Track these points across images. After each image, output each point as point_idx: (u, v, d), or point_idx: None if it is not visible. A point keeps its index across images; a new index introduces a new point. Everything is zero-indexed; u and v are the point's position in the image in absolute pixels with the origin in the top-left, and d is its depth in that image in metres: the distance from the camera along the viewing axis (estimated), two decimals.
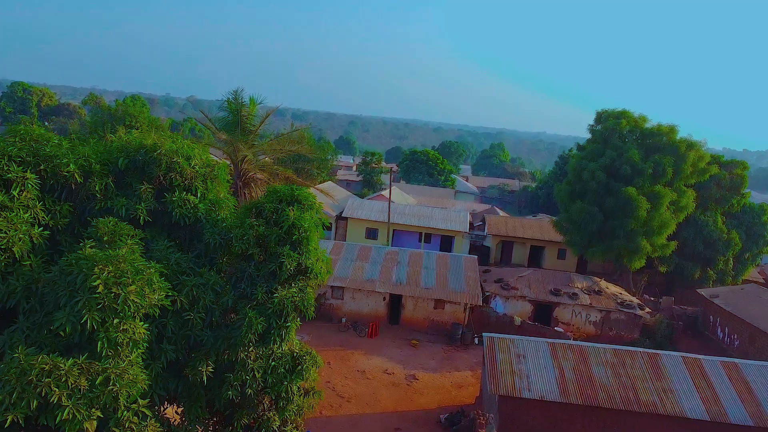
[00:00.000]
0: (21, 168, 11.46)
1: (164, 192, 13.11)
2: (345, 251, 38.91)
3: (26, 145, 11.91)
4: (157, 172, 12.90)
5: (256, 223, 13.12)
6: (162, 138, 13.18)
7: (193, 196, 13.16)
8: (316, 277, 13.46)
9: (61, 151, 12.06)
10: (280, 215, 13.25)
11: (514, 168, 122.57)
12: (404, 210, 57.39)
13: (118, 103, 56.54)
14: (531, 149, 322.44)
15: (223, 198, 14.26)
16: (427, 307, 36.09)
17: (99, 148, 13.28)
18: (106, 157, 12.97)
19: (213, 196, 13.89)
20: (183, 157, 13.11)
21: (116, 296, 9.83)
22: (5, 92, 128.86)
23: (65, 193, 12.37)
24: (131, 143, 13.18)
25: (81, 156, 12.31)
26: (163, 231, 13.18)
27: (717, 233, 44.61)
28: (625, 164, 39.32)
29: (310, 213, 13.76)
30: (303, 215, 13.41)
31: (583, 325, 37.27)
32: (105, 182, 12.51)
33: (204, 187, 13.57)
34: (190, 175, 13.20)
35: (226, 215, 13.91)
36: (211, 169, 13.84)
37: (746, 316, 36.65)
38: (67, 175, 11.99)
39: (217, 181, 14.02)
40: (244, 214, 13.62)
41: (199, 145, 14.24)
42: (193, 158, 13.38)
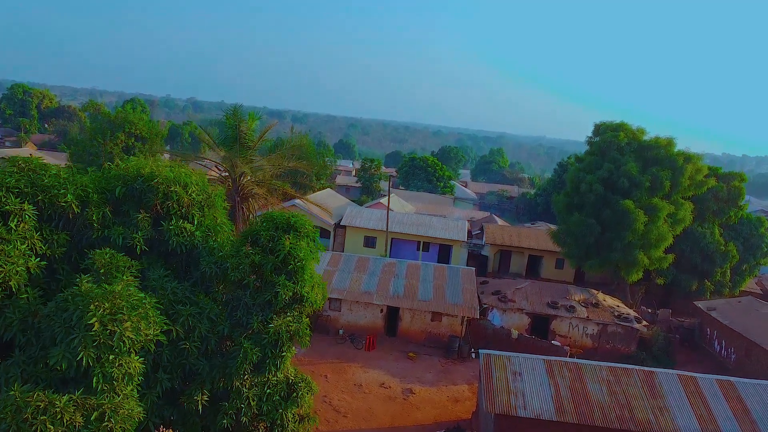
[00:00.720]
0: (19, 199, 11.54)
1: (161, 220, 13.20)
2: (343, 262, 38.98)
3: (24, 176, 12.00)
4: (154, 201, 13.00)
5: (252, 251, 13.21)
6: (159, 166, 13.26)
7: (189, 224, 13.26)
8: (312, 305, 13.54)
9: (58, 182, 12.14)
10: (276, 243, 13.35)
11: (513, 174, 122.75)
12: (403, 219, 57.47)
13: (118, 110, 56.64)
14: (531, 154, 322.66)
15: (219, 223, 14.37)
16: (425, 319, 36.16)
17: (97, 176, 13.36)
18: (104, 185, 13.06)
19: (210, 222, 13.99)
20: (180, 185, 13.20)
21: (112, 333, 9.91)
22: (5, 94, 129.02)
23: (63, 223, 12.46)
24: (129, 171, 13.27)
25: (79, 186, 12.39)
26: (159, 258, 13.27)
27: (714, 245, 44.68)
28: (623, 177, 39.42)
29: (305, 240, 13.85)
30: (299, 243, 13.51)
31: (580, 338, 37.34)
32: (102, 211, 12.59)
33: (201, 214, 13.67)
34: (186, 202, 13.29)
35: (222, 241, 14.01)
36: (208, 195, 13.93)
37: (743, 329, 36.73)
38: (65, 205, 12.08)
39: (213, 208, 14.11)
40: (240, 241, 13.72)
41: (196, 172, 14.33)
42: (190, 186, 13.48)
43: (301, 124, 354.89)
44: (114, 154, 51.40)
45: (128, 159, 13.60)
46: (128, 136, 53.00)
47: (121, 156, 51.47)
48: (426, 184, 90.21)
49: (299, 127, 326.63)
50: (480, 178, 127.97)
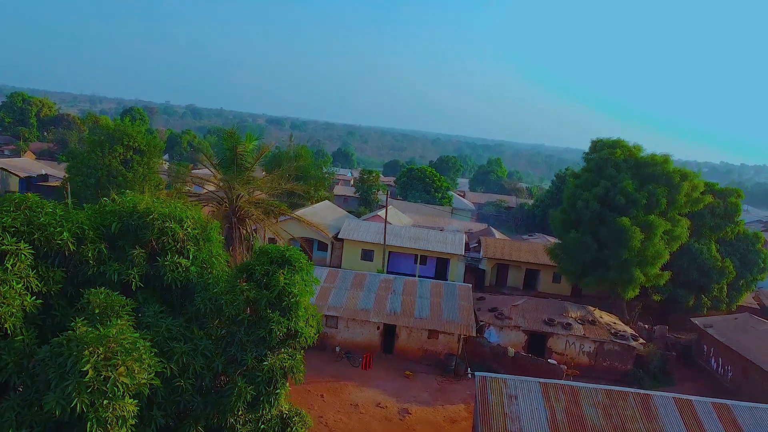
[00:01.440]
0: (15, 239, 11.61)
1: (156, 255, 13.27)
2: (339, 279, 39.02)
3: (21, 214, 12.08)
4: (149, 237, 13.07)
5: (247, 287, 13.27)
6: (155, 202, 13.34)
7: (185, 259, 13.32)
8: (306, 341, 13.60)
9: (54, 219, 12.21)
10: (270, 278, 13.41)
11: (511, 184, 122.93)
12: (400, 232, 57.55)
13: (117, 122, 56.72)
14: (529, 162, 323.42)
15: (215, 254, 14.44)
16: (421, 336, 36.17)
17: (93, 212, 13.43)
18: (100, 221, 13.14)
19: (205, 255, 14.06)
20: (175, 220, 13.28)
21: (106, 379, 9.96)
22: (5, 102, 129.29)
23: (59, 259, 12.53)
24: (124, 206, 13.34)
25: (75, 223, 12.47)
26: (155, 293, 13.33)
27: (711, 261, 44.79)
28: (619, 194, 39.55)
29: (300, 274, 13.92)
30: (293, 278, 13.57)
31: (577, 355, 37.36)
32: (98, 248, 12.66)
33: (196, 248, 13.74)
34: (182, 237, 13.37)
35: (218, 274, 14.07)
36: (204, 229, 14.01)
37: (739, 347, 36.76)
38: (61, 243, 12.15)
39: (209, 241, 14.18)
40: (235, 276, 13.78)
41: (191, 206, 14.41)
42: (185, 220, 13.55)
43: (301, 131, 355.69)
44: (112, 166, 51.56)
45: (124, 194, 13.67)
46: (126, 149, 53.07)
47: (119, 168, 51.71)
48: (424, 194, 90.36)
49: (298, 134, 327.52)
50: (478, 188, 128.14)
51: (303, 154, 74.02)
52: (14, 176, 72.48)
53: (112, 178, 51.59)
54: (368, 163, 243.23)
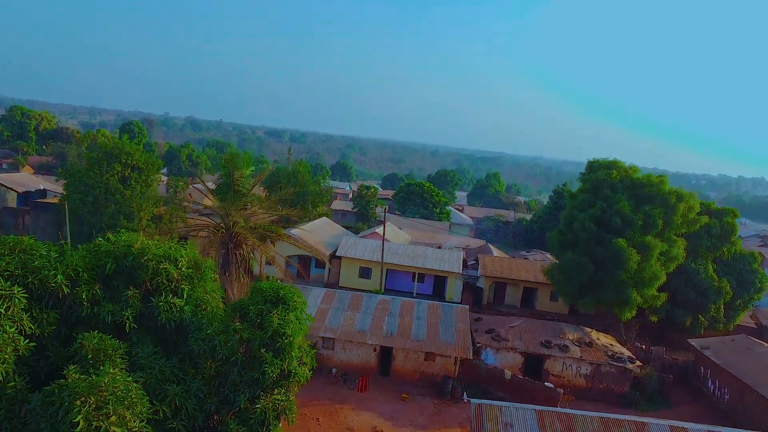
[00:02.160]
0: (9, 283, 11.66)
1: (150, 295, 13.32)
2: (336, 300, 39.01)
3: (15, 258, 12.14)
4: (144, 277, 13.12)
5: (241, 327, 13.31)
6: (149, 242, 13.40)
7: (179, 299, 13.37)
8: (299, 381, 13.62)
9: (49, 262, 12.27)
10: (264, 318, 13.45)
11: (509, 198, 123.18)
12: (398, 249, 57.59)
13: (115, 140, 56.88)
14: (528, 174, 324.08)
15: (210, 291, 14.48)
16: (418, 358, 36.12)
17: (88, 252, 13.49)
18: (94, 262, 13.20)
19: (199, 293, 14.11)
20: (170, 260, 13.34)
21: (97, 429, 9.98)
22: (4, 115, 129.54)
23: (53, 301, 12.58)
24: (119, 246, 13.40)
25: (69, 266, 12.52)
26: (149, 333, 13.36)
27: (708, 281, 44.83)
28: (615, 215, 39.67)
29: (294, 313, 13.96)
30: (287, 317, 13.61)
31: (574, 377, 37.29)
32: (92, 290, 12.71)
33: (190, 287, 13.79)
34: (176, 278, 13.42)
35: (212, 312, 14.10)
36: (198, 268, 14.06)
37: (736, 370, 36.72)
38: (55, 285, 12.20)
39: (203, 280, 14.23)
40: (229, 316, 13.82)
41: (186, 245, 14.47)
42: (180, 260, 13.61)
43: (299, 143, 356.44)
44: (110, 184, 51.63)
45: (119, 233, 13.73)
46: (125, 167, 53.15)
47: (117, 186, 51.75)
48: (422, 209, 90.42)
49: (297, 146, 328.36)
50: (476, 202, 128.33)
51: (301, 170, 74.11)
52: (12, 191, 72.44)
53: (110, 196, 51.64)
54: (367, 175, 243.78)
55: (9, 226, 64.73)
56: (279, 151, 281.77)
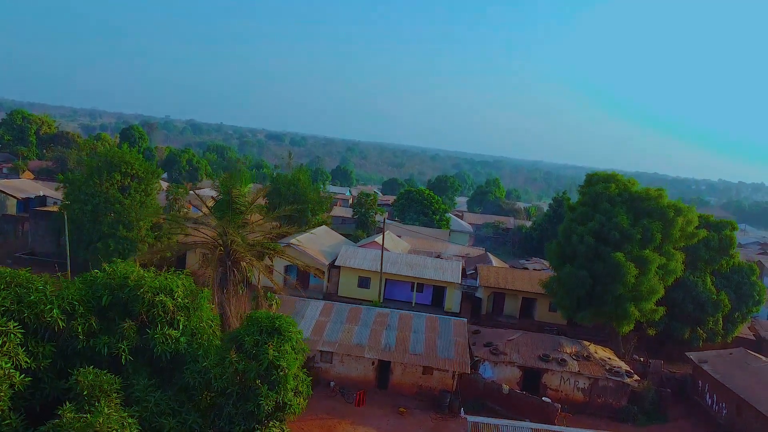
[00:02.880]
0: (5, 318, 11.71)
1: (146, 327, 13.37)
2: (335, 313, 39.04)
3: (11, 292, 12.19)
4: (139, 309, 13.17)
5: (236, 359, 13.35)
6: (145, 273, 13.44)
7: (175, 330, 13.42)
8: (294, 413, 13.65)
9: (45, 297, 12.32)
10: (260, 349, 13.49)
11: (509, 204, 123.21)
12: (397, 259, 57.60)
13: (116, 149, 56.99)
14: (528, 179, 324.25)
15: (206, 320, 14.52)
16: (416, 372, 36.13)
17: (84, 285, 13.54)
18: (90, 294, 13.23)
19: (195, 323, 14.15)
20: (165, 292, 13.39)
21: None
22: (4, 120, 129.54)
23: (48, 334, 12.62)
24: (115, 277, 13.44)
25: (65, 300, 12.57)
26: (144, 364, 13.40)
27: (706, 294, 44.85)
28: (614, 229, 39.70)
29: (290, 343, 14.00)
30: (283, 347, 13.65)
31: (572, 391, 37.29)
32: (88, 323, 12.75)
33: (186, 317, 13.83)
34: (172, 309, 13.46)
35: (208, 343, 14.13)
36: (194, 298, 14.11)
37: (733, 385, 36.71)
38: (51, 320, 12.25)
39: (199, 310, 14.27)
40: (225, 347, 13.86)
41: (182, 277, 14.51)
42: (175, 290, 13.66)
43: (300, 147, 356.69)
44: (110, 194, 51.71)
45: (115, 263, 13.78)
46: (124, 176, 53.30)
47: (116, 195, 51.82)
48: (422, 217, 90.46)
49: (298, 150, 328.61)
50: (476, 208, 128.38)
51: (301, 178, 74.17)
52: (12, 198, 72.53)
53: (110, 205, 51.75)
54: (367, 179, 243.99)
55: (8, 233, 64.86)
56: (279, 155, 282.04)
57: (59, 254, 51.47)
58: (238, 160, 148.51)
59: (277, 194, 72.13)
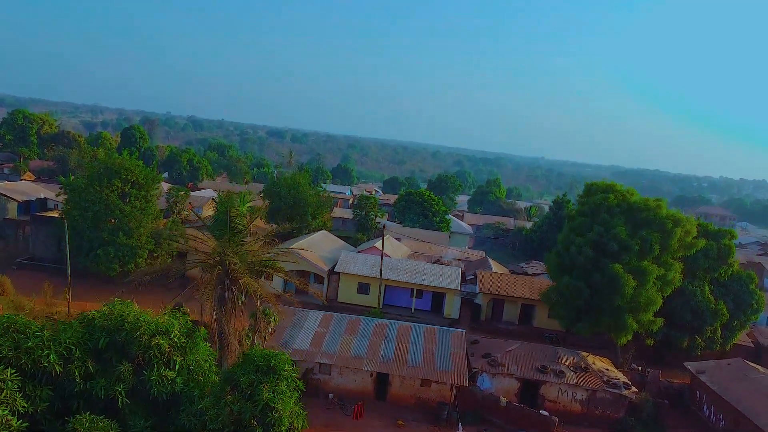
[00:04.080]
0: (2, 366, 11.84)
1: (143, 368, 13.50)
2: (333, 324, 39.20)
3: (8, 339, 12.31)
4: (136, 351, 13.29)
5: (232, 399, 13.48)
6: (143, 314, 13.56)
7: (171, 371, 13.54)
8: None
9: (42, 342, 12.44)
10: (255, 389, 13.62)
11: (509, 205, 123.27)
12: (396, 265, 57.72)
13: (116, 156, 57.14)
14: (529, 176, 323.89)
15: (202, 357, 14.65)
16: (414, 384, 36.29)
17: (81, 327, 13.66)
18: (87, 337, 13.36)
19: (191, 362, 14.27)
20: (162, 333, 13.51)
21: None
22: (5, 119, 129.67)
23: (46, 378, 12.75)
24: (112, 319, 13.56)
25: (62, 344, 12.69)
26: (141, 405, 13.53)
27: (705, 303, 44.94)
28: (612, 240, 39.77)
29: (285, 382, 14.12)
30: (279, 387, 13.77)
31: (570, 403, 37.45)
32: (84, 366, 12.88)
33: (182, 357, 13.95)
34: (168, 350, 13.59)
35: (204, 382, 14.25)
36: (190, 337, 14.23)
37: (731, 397, 36.84)
38: (48, 365, 12.38)
39: (195, 349, 14.40)
40: (220, 387, 13.98)
41: (179, 315, 14.62)
42: (172, 330, 13.78)
43: (301, 143, 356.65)
44: (110, 200, 51.88)
45: (113, 304, 13.89)
46: (124, 183, 53.46)
47: (116, 202, 51.95)
48: (422, 218, 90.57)
49: (298, 147, 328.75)
50: (477, 208, 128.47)
51: (301, 182, 74.31)
52: (13, 201, 72.65)
53: (110, 212, 51.93)
54: (368, 177, 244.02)
55: (9, 237, 65.07)
56: (281, 153, 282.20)
57: (60, 260, 51.60)
58: (239, 160, 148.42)
59: (278, 197, 72.32)
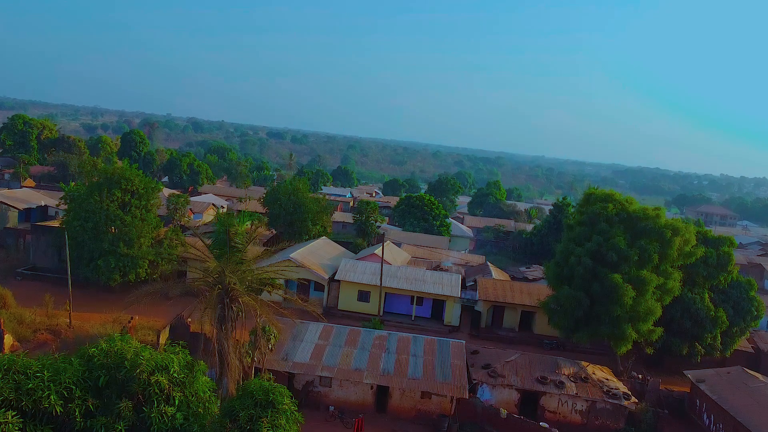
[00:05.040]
0: (3, 409, 11.96)
1: (143, 405, 13.61)
2: (334, 336, 39.34)
3: (9, 381, 12.41)
4: (136, 388, 13.41)
5: None
6: (142, 352, 13.66)
7: (171, 407, 13.65)
8: None
9: (42, 383, 12.55)
10: (254, 424, 13.73)
11: (509, 207, 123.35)
12: (396, 272, 57.85)
13: (116, 165, 57.30)
14: (529, 175, 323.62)
15: (200, 389, 14.75)
16: (414, 396, 36.41)
17: (81, 365, 13.77)
18: (87, 375, 13.47)
19: (190, 396, 14.38)
20: (161, 370, 13.62)
21: None
22: (6, 124, 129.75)
23: (47, 417, 12.87)
24: (112, 357, 13.67)
25: (62, 384, 12.80)
26: None
27: (704, 311, 45.03)
28: (611, 250, 39.86)
29: (284, 415, 14.24)
30: (277, 423, 13.88)
31: (570, 413, 37.59)
32: (84, 405, 13.00)
33: (182, 393, 14.07)
34: (168, 386, 13.70)
35: (204, 407, 14.36)
36: (190, 371, 14.34)
37: (730, 407, 36.91)
38: (48, 406, 12.49)
39: (196, 381, 14.51)
40: (219, 422, 14.09)
41: (178, 350, 14.72)
42: (171, 366, 13.89)
43: (301, 144, 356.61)
44: (110, 211, 51.99)
45: (112, 341, 14.00)
46: (124, 193, 53.58)
47: (117, 212, 52.06)
48: (422, 222, 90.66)
49: (299, 148, 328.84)
50: (477, 210, 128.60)
51: (301, 188, 74.43)
52: (13, 209, 72.81)
53: (110, 222, 52.05)
54: (369, 178, 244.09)
55: (10, 246, 65.18)
56: (281, 154, 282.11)
57: (61, 269, 51.74)
58: (239, 163, 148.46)
59: (277, 204, 72.47)
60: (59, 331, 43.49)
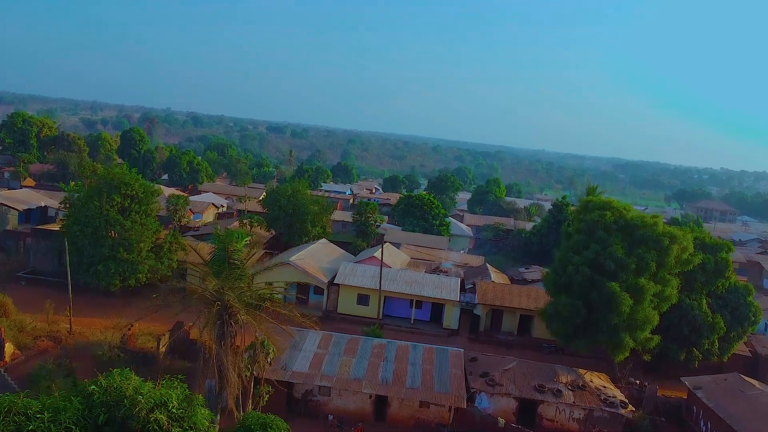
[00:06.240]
0: None
1: None
2: (333, 345, 39.55)
3: (10, 423, 12.58)
4: (135, 426, 13.59)
5: None
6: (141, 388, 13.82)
7: None
8: None
9: (43, 424, 12.72)
10: None
11: (509, 205, 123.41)
12: (396, 276, 58.03)
13: (116, 170, 57.38)
14: (529, 170, 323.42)
15: (199, 421, 14.94)
16: (413, 405, 36.65)
17: (82, 402, 13.93)
18: (87, 413, 13.64)
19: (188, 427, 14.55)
20: (160, 406, 13.78)
21: None
22: (5, 122, 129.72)
23: None
24: (111, 394, 13.83)
25: (62, 424, 12.97)
26: None
27: (702, 317, 45.22)
28: (609, 259, 40.01)
29: None
30: None
31: (567, 422, 37.84)
32: None
33: (181, 428, 14.24)
34: (167, 423, 13.87)
35: None
36: (188, 405, 14.51)
37: (727, 415, 37.11)
38: None
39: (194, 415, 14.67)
40: None
41: (177, 384, 14.88)
42: (170, 402, 14.06)
43: (301, 139, 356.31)
44: (110, 216, 52.08)
45: (111, 376, 14.15)
46: (124, 198, 53.66)
47: (116, 217, 52.15)
48: (421, 222, 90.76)
49: (299, 142, 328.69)
50: (476, 208, 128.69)
51: (300, 189, 74.55)
52: (13, 210, 72.92)
53: (110, 227, 52.17)
54: (369, 172, 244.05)
55: (10, 249, 65.31)
56: (281, 149, 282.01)
57: (61, 273, 51.84)
58: (239, 160, 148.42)
59: (277, 206, 72.63)
60: (60, 338, 43.67)
